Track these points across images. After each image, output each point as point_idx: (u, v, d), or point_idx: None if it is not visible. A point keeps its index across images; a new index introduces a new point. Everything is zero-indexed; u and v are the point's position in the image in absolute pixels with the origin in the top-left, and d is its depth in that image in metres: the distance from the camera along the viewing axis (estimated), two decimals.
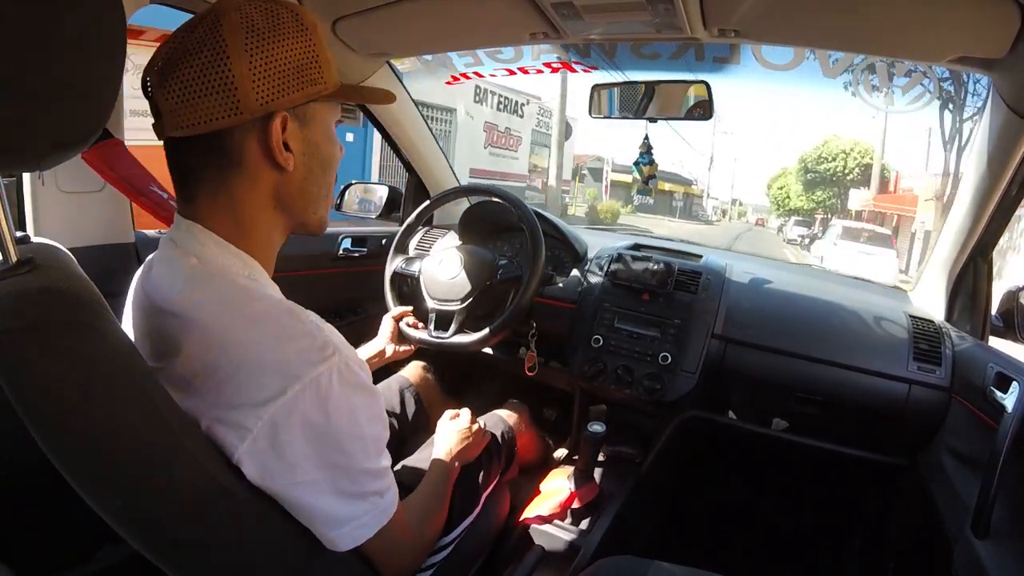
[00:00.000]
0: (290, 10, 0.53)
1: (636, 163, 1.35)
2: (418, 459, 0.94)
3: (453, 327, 1.14)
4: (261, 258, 0.56)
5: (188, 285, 0.51)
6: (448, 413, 0.96)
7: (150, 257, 0.59)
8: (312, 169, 0.57)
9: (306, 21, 0.53)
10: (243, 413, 0.48)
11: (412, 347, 1.17)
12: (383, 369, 1.22)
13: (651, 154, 1.32)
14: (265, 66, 0.50)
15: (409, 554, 0.66)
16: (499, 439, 1.05)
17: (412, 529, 0.65)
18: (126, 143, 0.93)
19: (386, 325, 1.15)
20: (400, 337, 1.16)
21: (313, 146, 0.56)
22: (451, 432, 0.91)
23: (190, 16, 0.52)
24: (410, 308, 1.20)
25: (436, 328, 1.16)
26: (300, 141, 0.55)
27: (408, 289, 1.29)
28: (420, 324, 1.18)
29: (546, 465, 1.27)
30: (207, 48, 0.49)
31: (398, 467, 0.93)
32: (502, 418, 1.13)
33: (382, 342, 1.13)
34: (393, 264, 1.28)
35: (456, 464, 0.86)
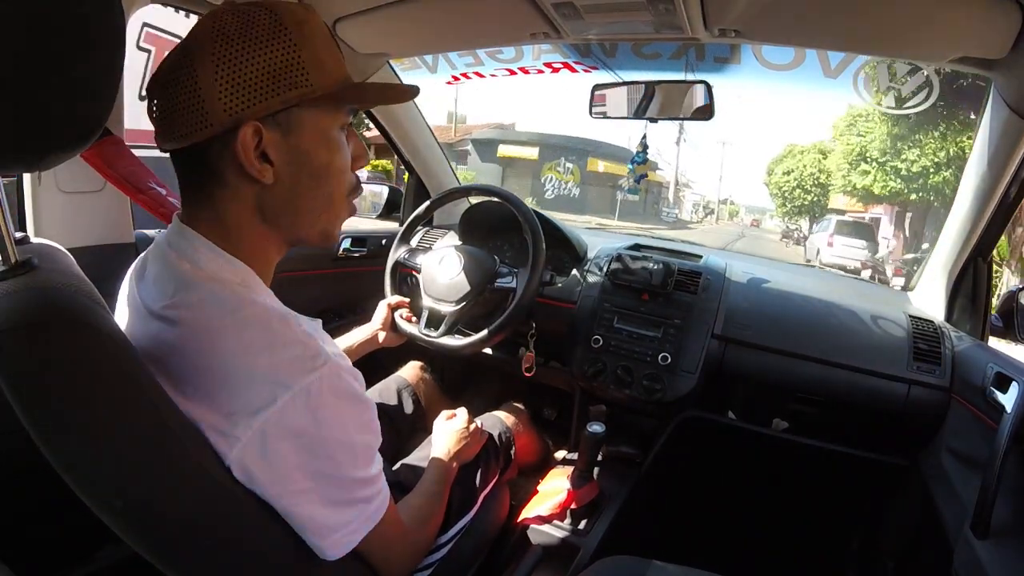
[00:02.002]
0: (268, 11, 0.50)
1: (632, 160, 1.36)
2: (415, 459, 0.94)
3: (443, 327, 1.14)
4: (256, 268, 0.54)
5: (180, 290, 0.50)
6: (445, 413, 0.96)
7: (143, 256, 0.58)
8: (300, 180, 0.53)
9: (288, 20, 0.50)
10: (233, 421, 0.47)
11: (403, 338, 1.17)
12: (381, 369, 1.22)
13: (647, 153, 1.33)
14: (231, 74, 0.48)
15: (406, 554, 0.66)
16: (497, 439, 1.05)
17: (408, 529, 0.65)
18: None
19: (381, 311, 1.15)
20: (393, 325, 1.16)
21: (301, 155, 0.52)
22: (448, 432, 0.91)
23: (192, 16, 0.52)
24: (407, 300, 1.20)
25: (427, 326, 1.17)
26: (284, 150, 0.51)
27: (408, 284, 1.29)
28: (413, 318, 1.18)
29: (546, 465, 1.27)
30: (179, 61, 0.48)
31: (396, 467, 0.93)
32: (500, 419, 1.13)
33: (375, 327, 1.13)
34: (396, 254, 1.28)
35: (454, 464, 0.86)
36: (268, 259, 0.56)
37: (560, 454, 1.36)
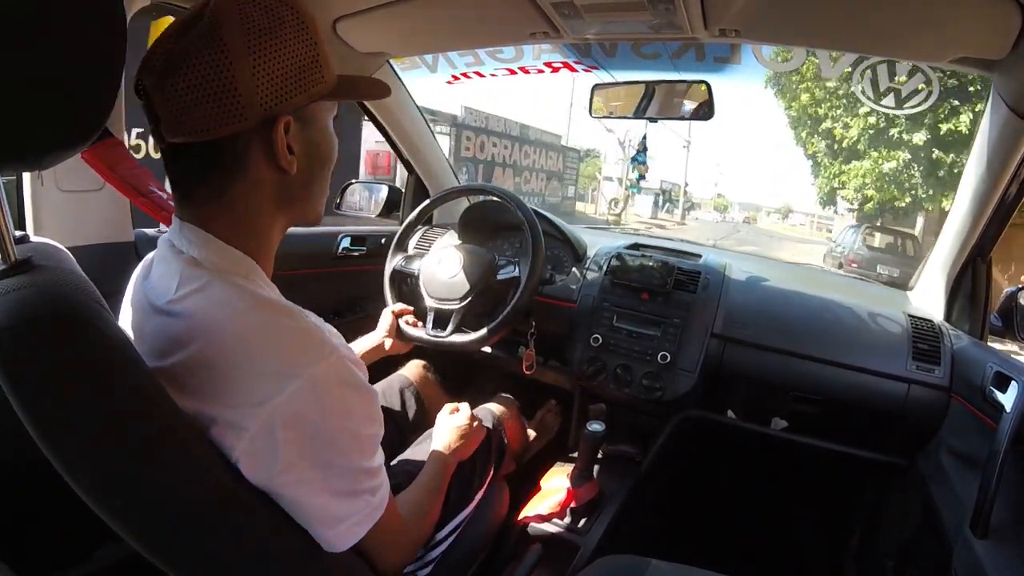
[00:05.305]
0: (289, 6, 0.51)
1: (633, 160, 1.36)
2: (414, 453, 0.94)
3: (451, 326, 1.14)
4: (260, 258, 0.55)
5: (185, 286, 0.51)
6: (448, 407, 0.96)
7: (148, 256, 0.59)
8: (313, 169, 0.57)
9: (305, 16, 0.52)
10: (240, 412, 0.47)
11: (410, 345, 1.17)
12: (383, 367, 1.22)
13: (646, 154, 1.34)
14: (268, 69, 0.49)
15: (402, 547, 0.67)
16: (491, 434, 1.05)
17: (405, 523, 0.66)
18: None
19: (385, 319, 1.15)
20: (399, 332, 1.16)
21: (314, 146, 0.56)
22: (450, 427, 0.91)
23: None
24: (411, 308, 1.20)
25: (434, 327, 1.16)
26: (302, 142, 0.54)
27: (407, 287, 1.29)
28: (419, 323, 1.18)
29: (527, 452, 1.28)
30: (208, 50, 0.47)
31: (395, 462, 0.93)
32: (491, 411, 1.13)
33: (381, 335, 1.13)
34: (393, 262, 1.28)
35: (453, 460, 0.86)
36: (273, 244, 0.58)
37: (541, 439, 1.36)
